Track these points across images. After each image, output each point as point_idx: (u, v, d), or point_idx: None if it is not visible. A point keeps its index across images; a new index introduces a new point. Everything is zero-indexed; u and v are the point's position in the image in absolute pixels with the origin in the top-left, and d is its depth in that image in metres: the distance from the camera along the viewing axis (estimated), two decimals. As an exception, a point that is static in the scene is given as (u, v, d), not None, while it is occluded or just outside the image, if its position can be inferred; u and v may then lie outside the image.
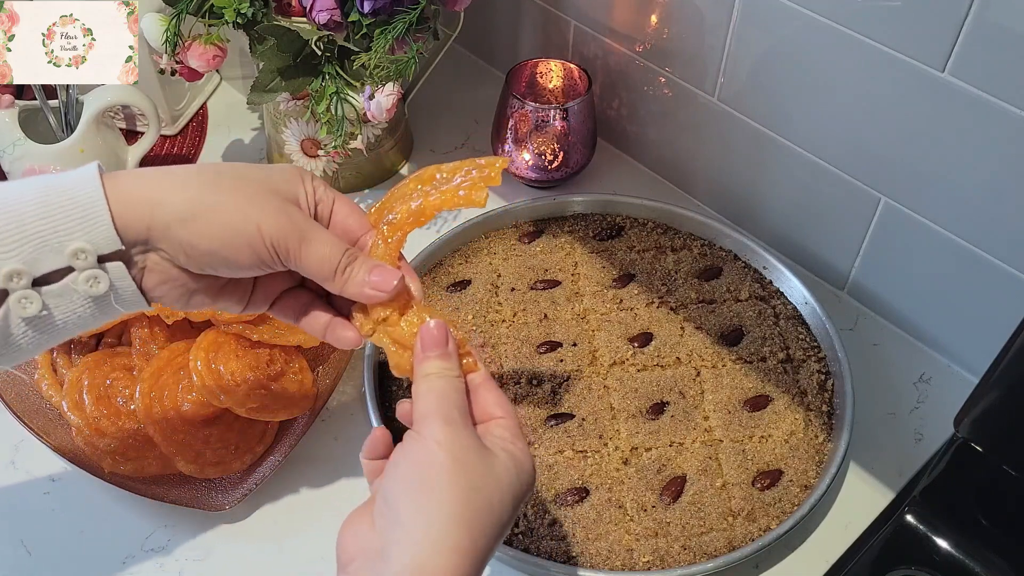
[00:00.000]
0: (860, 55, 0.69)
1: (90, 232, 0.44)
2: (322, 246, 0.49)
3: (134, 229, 0.45)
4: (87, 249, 0.44)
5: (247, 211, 0.47)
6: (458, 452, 0.44)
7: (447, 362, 0.49)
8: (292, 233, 0.47)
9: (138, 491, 0.67)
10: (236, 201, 0.47)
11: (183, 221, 0.46)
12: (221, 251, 0.47)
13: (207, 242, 0.46)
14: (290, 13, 0.80)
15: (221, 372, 0.68)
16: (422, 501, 0.43)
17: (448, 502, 0.43)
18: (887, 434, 0.74)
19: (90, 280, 0.45)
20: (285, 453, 0.69)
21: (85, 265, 0.45)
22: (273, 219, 0.47)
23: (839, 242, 0.81)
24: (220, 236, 0.46)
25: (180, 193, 0.46)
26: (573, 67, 0.91)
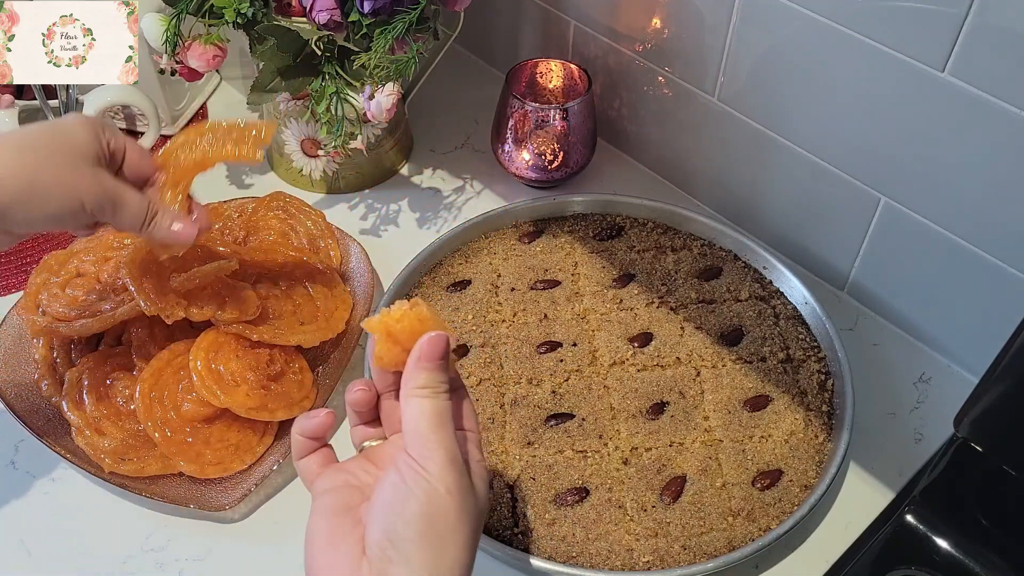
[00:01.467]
0: (860, 55, 0.69)
1: None
2: (131, 207, 0.58)
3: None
4: None
5: (70, 188, 0.55)
6: (463, 499, 0.46)
7: (443, 375, 0.48)
8: (107, 202, 0.57)
9: (138, 491, 0.67)
10: (59, 179, 0.55)
11: (17, 203, 0.53)
12: (52, 224, 0.57)
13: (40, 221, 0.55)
14: (290, 13, 0.80)
15: (221, 372, 0.68)
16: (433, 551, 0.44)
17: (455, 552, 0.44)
18: (887, 434, 0.74)
19: None
20: (285, 453, 0.69)
21: None
22: (92, 193, 0.56)
23: (839, 242, 0.81)
24: (52, 214, 0.55)
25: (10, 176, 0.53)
26: (573, 67, 0.91)
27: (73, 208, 0.55)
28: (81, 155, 0.56)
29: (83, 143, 0.57)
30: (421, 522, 0.44)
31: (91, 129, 0.58)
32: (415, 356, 0.48)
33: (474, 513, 0.46)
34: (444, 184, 0.96)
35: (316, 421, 0.51)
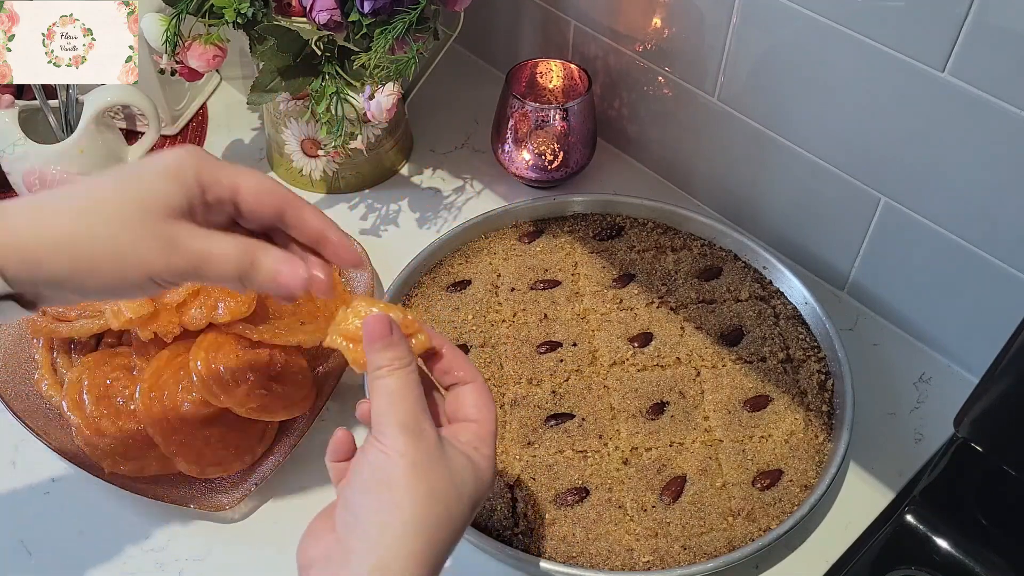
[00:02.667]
0: (860, 55, 0.69)
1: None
2: (220, 262, 0.46)
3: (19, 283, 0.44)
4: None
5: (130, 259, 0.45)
6: (417, 461, 0.45)
7: (394, 351, 0.48)
8: (185, 267, 0.45)
9: (138, 491, 0.67)
10: (114, 247, 0.44)
11: (65, 278, 0.44)
12: (113, 294, 0.47)
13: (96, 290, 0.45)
14: (290, 13, 0.80)
15: (221, 372, 0.68)
16: (383, 510, 0.44)
17: (407, 511, 0.44)
18: (887, 434, 0.74)
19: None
20: (285, 453, 0.69)
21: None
22: (158, 259, 0.45)
23: (839, 242, 0.81)
24: (110, 289, 0.45)
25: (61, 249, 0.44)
26: (573, 67, 0.91)
27: (137, 281, 0.45)
28: (149, 213, 0.45)
29: (156, 196, 0.45)
30: (372, 484, 0.44)
31: (173, 176, 0.46)
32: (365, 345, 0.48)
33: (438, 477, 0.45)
34: (444, 184, 0.96)
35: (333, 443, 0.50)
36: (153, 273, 0.45)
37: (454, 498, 0.45)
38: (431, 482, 0.45)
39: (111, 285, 0.45)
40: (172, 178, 0.46)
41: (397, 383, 0.47)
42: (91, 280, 0.44)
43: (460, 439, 0.49)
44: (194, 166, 0.47)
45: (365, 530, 0.44)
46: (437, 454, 0.46)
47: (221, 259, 0.46)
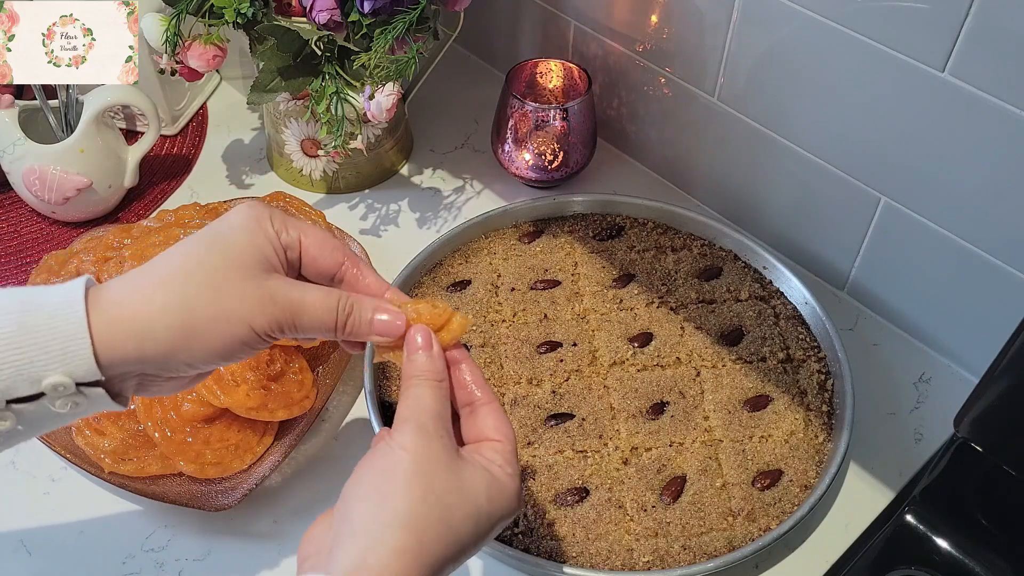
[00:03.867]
0: (860, 55, 0.69)
1: (69, 365, 0.43)
2: (315, 309, 0.47)
3: (122, 362, 0.44)
4: (66, 383, 0.43)
5: (235, 315, 0.45)
6: (422, 459, 0.44)
7: (427, 363, 0.49)
8: (284, 318, 0.46)
9: (138, 491, 0.67)
10: (220, 309, 0.45)
11: (174, 347, 0.44)
12: (222, 361, 0.47)
13: (205, 360, 0.46)
14: (290, 13, 0.80)
15: (221, 372, 0.68)
16: (374, 501, 0.43)
17: (399, 505, 0.43)
18: (887, 434, 0.74)
19: (68, 404, 0.44)
20: (285, 453, 0.69)
21: (63, 394, 0.43)
22: (260, 312, 0.45)
23: (839, 242, 0.81)
24: (217, 351, 0.45)
25: (164, 321, 0.44)
26: (573, 67, 0.91)
27: (244, 338, 0.45)
28: (245, 268, 0.46)
29: (246, 251, 0.46)
30: (371, 475, 0.44)
31: (255, 229, 0.47)
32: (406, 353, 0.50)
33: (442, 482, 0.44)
34: (444, 184, 0.96)
35: None
36: (256, 327, 0.45)
37: (456, 505, 0.44)
38: (431, 483, 0.44)
39: (216, 347, 0.45)
40: (254, 231, 0.47)
41: (424, 391, 0.48)
42: (199, 345, 0.45)
43: (484, 454, 0.48)
44: (267, 216, 0.48)
45: (354, 523, 0.43)
46: (446, 459, 0.45)
47: (317, 307, 0.47)
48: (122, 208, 0.93)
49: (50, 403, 0.44)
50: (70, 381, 0.43)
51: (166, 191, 0.95)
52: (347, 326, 0.48)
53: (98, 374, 0.43)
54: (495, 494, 0.46)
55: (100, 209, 0.90)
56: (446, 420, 0.48)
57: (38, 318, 0.43)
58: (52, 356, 0.42)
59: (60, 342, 0.42)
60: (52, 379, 0.42)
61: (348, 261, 0.51)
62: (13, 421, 0.44)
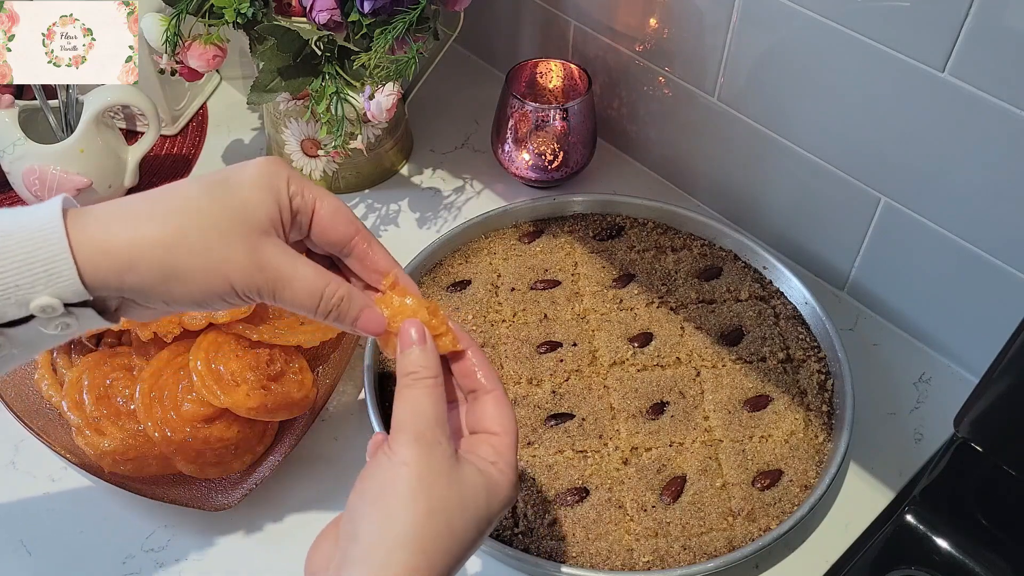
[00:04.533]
0: (860, 55, 0.69)
1: (55, 286, 0.42)
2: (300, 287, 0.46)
3: (105, 288, 0.44)
4: (54, 304, 0.43)
5: (219, 271, 0.44)
6: (423, 473, 0.44)
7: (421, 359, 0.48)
8: (265, 287, 0.45)
9: (138, 491, 0.67)
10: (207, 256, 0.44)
11: (154, 286, 0.44)
12: (195, 302, 0.45)
13: (182, 300, 0.45)
14: (290, 13, 0.80)
15: (221, 372, 0.68)
16: (380, 521, 0.43)
17: (406, 524, 0.43)
18: (887, 434, 0.74)
19: (59, 325, 0.44)
20: (285, 453, 0.69)
21: (52, 315, 0.43)
22: (244, 276, 0.45)
23: (839, 242, 0.81)
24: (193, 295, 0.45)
25: (148, 257, 0.44)
26: (573, 67, 0.91)
27: (222, 292, 0.45)
28: (242, 226, 0.45)
29: (249, 208, 0.45)
30: (374, 492, 0.44)
31: (267, 186, 0.46)
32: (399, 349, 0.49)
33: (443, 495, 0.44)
34: (444, 184, 0.96)
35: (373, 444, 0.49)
36: (237, 286, 0.45)
37: (458, 515, 0.44)
38: (433, 497, 0.44)
39: (195, 295, 0.45)
40: (266, 188, 0.46)
41: (419, 393, 0.47)
42: (178, 288, 0.44)
43: (479, 453, 0.48)
44: (285, 176, 0.47)
45: (362, 543, 0.43)
46: (446, 468, 0.45)
47: (303, 287, 0.46)
48: (122, 208, 0.93)
49: (41, 326, 0.43)
50: (58, 302, 0.42)
51: (166, 191, 0.95)
52: (330, 315, 0.47)
53: (85, 294, 0.43)
54: (493, 496, 0.46)
55: (100, 209, 0.90)
56: (443, 423, 0.47)
57: (17, 239, 0.42)
58: (35, 278, 0.42)
59: (42, 264, 0.42)
60: (40, 301, 0.42)
61: (360, 236, 0.50)
62: (7, 346, 0.44)
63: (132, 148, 0.91)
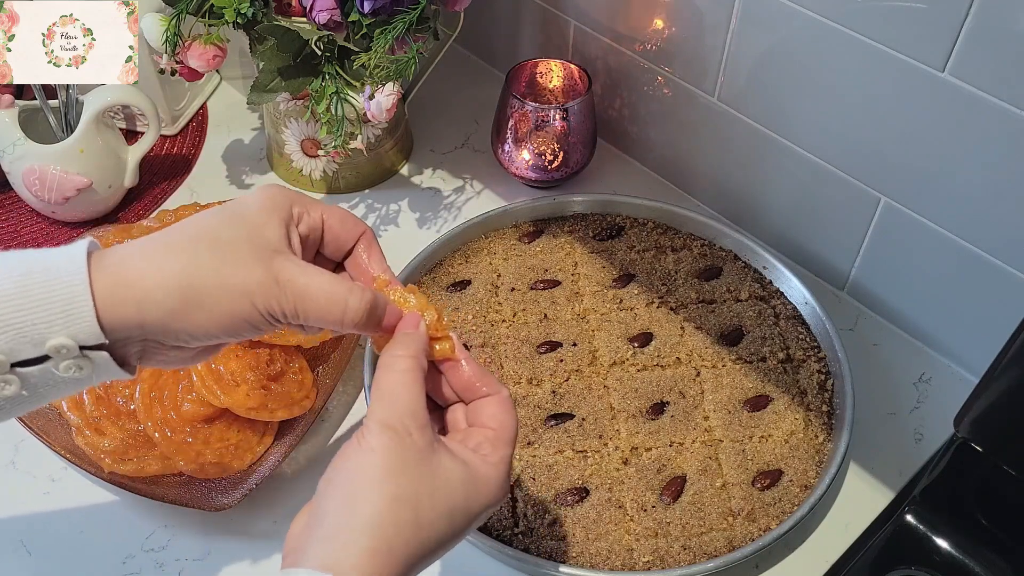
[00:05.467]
0: (860, 55, 0.69)
1: (72, 327, 0.42)
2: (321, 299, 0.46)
3: (123, 327, 0.44)
4: (69, 346, 0.43)
5: (237, 289, 0.45)
6: (390, 461, 0.44)
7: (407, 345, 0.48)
8: (285, 298, 0.45)
9: (138, 491, 0.67)
10: (224, 279, 0.45)
11: (174, 314, 0.44)
12: (218, 333, 0.45)
13: (204, 330, 0.45)
14: (290, 13, 0.80)
15: (221, 372, 0.68)
16: (345, 505, 0.43)
17: (366, 509, 0.42)
18: (887, 434, 0.74)
19: (72, 368, 0.43)
20: (285, 453, 0.69)
21: (66, 356, 0.43)
22: (263, 291, 0.45)
23: (839, 242, 0.81)
24: (216, 322, 0.45)
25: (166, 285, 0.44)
26: (573, 67, 0.91)
27: (244, 314, 0.45)
28: (255, 246, 0.45)
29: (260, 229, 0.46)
30: (341, 476, 0.44)
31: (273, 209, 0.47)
32: None
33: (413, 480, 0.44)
34: (444, 184, 0.96)
35: None
36: (258, 304, 0.45)
37: (427, 504, 0.44)
38: (400, 484, 0.43)
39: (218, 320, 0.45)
40: (271, 210, 0.47)
41: (396, 380, 0.46)
42: (200, 316, 0.44)
43: (467, 443, 0.47)
44: (288, 198, 0.48)
45: (325, 524, 0.43)
46: (415, 458, 0.44)
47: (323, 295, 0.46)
48: (122, 208, 0.93)
49: (54, 367, 0.43)
50: (73, 343, 0.42)
51: (166, 191, 0.95)
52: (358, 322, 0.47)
53: (101, 337, 0.43)
54: (472, 489, 0.45)
55: (100, 209, 0.90)
56: (417, 413, 0.46)
57: (39, 279, 0.42)
58: (54, 317, 0.42)
59: (61, 303, 0.42)
60: (55, 341, 0.42)
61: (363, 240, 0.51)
62: (18, 386, 0.43)
63: (132, 148, 0.91)
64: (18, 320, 0.42)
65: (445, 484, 0.45)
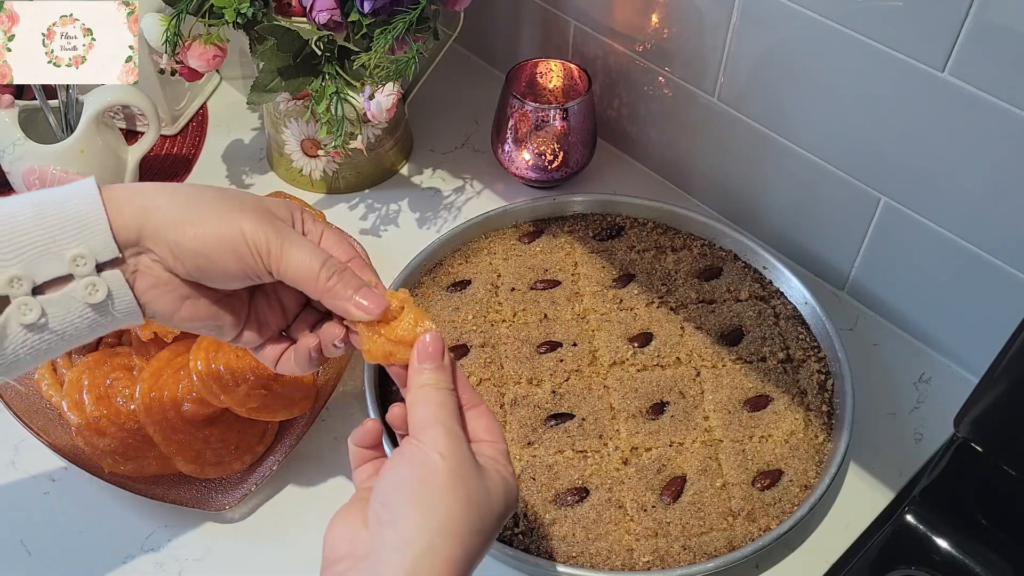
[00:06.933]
0: (860, 55, 0.69)
1: (88, 239, 0.46)
2: (303, 251, 0.49)
3: (127, 230, 0.47)
4: (86, 255, 0.46)
5: (232, 216, 0.48)
6: (458, 465, 0.45)
7: (442, 375, 0.49)
8: (274, 237, 0.49)
9: (138, 491, 0.67)
10: (224, 208, 0.49)
11: (173, 223, 0.47)
12: (206, 251, 0.48)
13: (192, 242, 0.47)
14: (290, 13, 0.80)
15: (221, 372, 0.68)
16: (421, 509, 0.44)
17: (446, 513, 0.44)
18: (887, 434, 0.74)
19: (88, 287, 0.46)
20: (285, 453, 0.69)
21: (84, 272, 0.46)
22: (256, 224, 0.48)
23: (839, 242, 0.81)
24: (205, 236, 0.48)
25: (171, 199, 0.48)
26: (573, 67, 0.91)
27: (231, 235, 0.48)
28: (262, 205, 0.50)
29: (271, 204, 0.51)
30: (412, 482, 0.45)
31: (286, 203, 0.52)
32: (414, 359, 0.50)
33: (475, 487, 0.46)
34: (444, 184, 0.96)
35: (364, 430, 0.52)
36: (246, 230, 0.48)
37: (487, 509, 0.46)
38: (469, 489, 0.45)
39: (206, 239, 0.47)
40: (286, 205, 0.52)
41: (443, 396, 0.49)
42: (191, 231, 0.47)
43: (485, 454, 0.49)
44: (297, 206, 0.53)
45: (402, 530, 0.43)
46: (474, 463, 0.47)
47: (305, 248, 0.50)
48: (122, 208, 0.93)
49: (72, 290, 0.46)
50: (90, 253, 0.46)
51: (166, 191, 0.95)
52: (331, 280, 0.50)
53: (115, 249, 0.46)
54: (508, 497, 0.48)
55: (100, 209, 0.90)
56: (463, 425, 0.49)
57: (55, 205, 0.46)
58: (72, 232, 0.45)
59: (78, 218, 0.46)
60: (74, 250, 0.45)
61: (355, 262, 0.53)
62: (39, 310, 0.46)
63: (132, 148, 0.91)
64: (38, 238, 0.45)
65: (495, 490, 0.47)
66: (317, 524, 0.68)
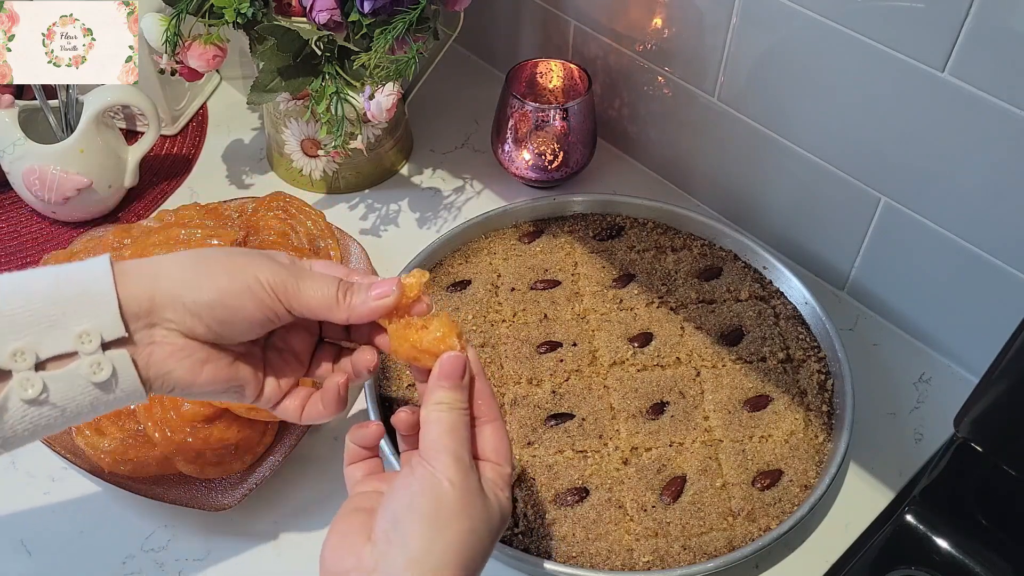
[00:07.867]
0: (860, 55, 0.69)
1: (97, 315, 0.46)
2: (316, 281, 0.51)
3: (137, 300, 0.47)
4: (92, 332, 0.45)
5: (242, 266, 0.50)
6: (466, 494, 0.48)
7: (459, 394, 0.51)
8: (287, 275, 0.50)
9: (138, 491, 0.67)
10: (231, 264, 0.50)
11: (184, 284, 0.48)
12: (225, 300, 0.49)
13: (210, 294, 0.48)
14: (290, 13, 0.80)
15: (221, 372, 0.67)
16: (430, 533, 0.46)
17: (453, 539, 0.46)
18: (887, 434, 0.74)
19: (93, 366, 0.46)
20: (285, 453, 0.69)
21: (89, 349, 0.45)
22: (267, 268, 0.50)
23: (839, 242, 0.81)
24: (221, 287, 0.49)
25: (177, 262, 0.50)
26: (573, 67, 0.91)
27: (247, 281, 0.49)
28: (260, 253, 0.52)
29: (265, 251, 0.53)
30: (422, 507, 0.47)
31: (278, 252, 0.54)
32: (435, 374, 0.51)
33: (479, 515, 0.48)
34: (444, 184, 0.96)
35: (367, 432, 0.54)
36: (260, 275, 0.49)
37: (487, 534, 0.48)
38: (474, 516, 0.48)
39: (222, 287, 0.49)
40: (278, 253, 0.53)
41: (456, 419, 0.50)
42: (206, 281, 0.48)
43: (487, 477, 0.51)
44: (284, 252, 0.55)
45: (412, 552, 0.45)
46: (479, 490, 0.49)
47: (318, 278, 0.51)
48: (122, 208, 0.93)
49: (76, 367, 0.45)
50: (96, 331, 0.45)
51: (166, 191, 0.95)
52: (347, 298, 0.51)
53: (121, 328, 0.46)
54: (502, 521, 0.50)
55: (100, 209, 0.90)
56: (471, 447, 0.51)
57: (69, 282, 0.47)
58: (82, 308, 0.46)
59: (89, 296, 0.46)
60: (81, 326, 0.45)
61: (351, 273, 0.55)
62: (40, 386, 0.45)
63: (132, 148, 0.91)
64: (50, 312, 0.45)
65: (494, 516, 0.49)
66: (317, 525, 0.68)
